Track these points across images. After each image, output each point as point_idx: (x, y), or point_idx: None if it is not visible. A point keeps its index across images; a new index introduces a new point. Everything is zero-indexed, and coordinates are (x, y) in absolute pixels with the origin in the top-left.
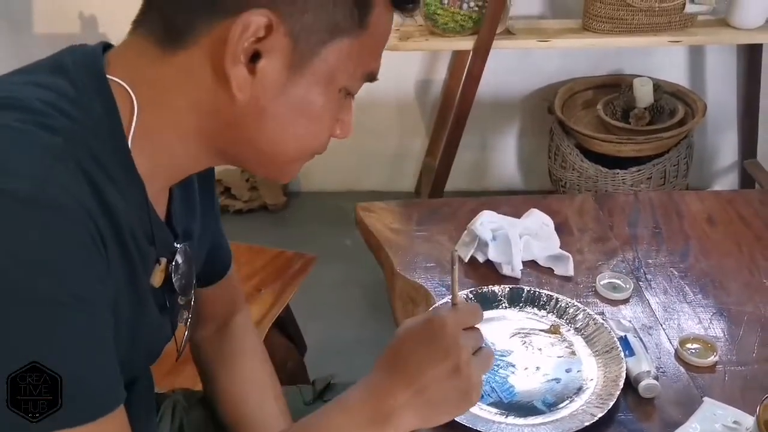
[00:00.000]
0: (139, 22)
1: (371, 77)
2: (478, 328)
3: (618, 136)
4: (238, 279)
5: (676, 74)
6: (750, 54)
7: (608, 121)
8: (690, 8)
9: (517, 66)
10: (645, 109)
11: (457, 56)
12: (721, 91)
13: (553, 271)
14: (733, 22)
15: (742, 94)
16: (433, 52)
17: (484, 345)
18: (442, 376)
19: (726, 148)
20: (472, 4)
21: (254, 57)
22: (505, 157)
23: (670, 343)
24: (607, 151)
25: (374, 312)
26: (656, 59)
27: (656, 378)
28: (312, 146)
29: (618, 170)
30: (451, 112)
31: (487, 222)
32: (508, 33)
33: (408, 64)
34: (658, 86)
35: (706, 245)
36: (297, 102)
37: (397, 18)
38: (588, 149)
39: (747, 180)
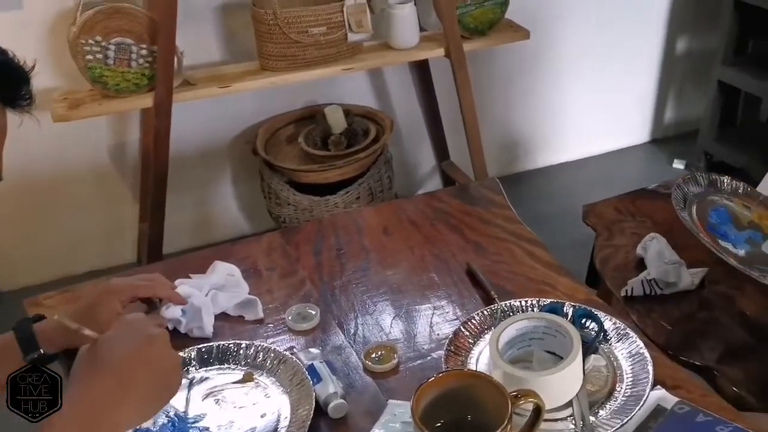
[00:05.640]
0: None
1: None
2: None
3: (321, 165)
4: None
5: (365, 97)
6: (420, 70)
7: (311, 151)
8: (352, 37)
9: (216, 114)
10: (340, 134)
11: (147, 114)
12: (406, 105)
13: (244, 318)
14: (394, 44)
15: (424, 105)
16: (117, 114)
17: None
18: (142, 361)
19: (424, 155)
20: (141, 61)
21: None
22: (225, 206)
23: (358, 357)
24: (315, 180)
25: None
26: (344, 86)
27: (344, 396)
28: None
29: (329, 196)
30: None
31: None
32: (188, 84)
33: (95, 130)
34: (349, 111)
35: (384, 255)
36: None
37: (64, 85)
38: (298, 182)
39: (448, 179)
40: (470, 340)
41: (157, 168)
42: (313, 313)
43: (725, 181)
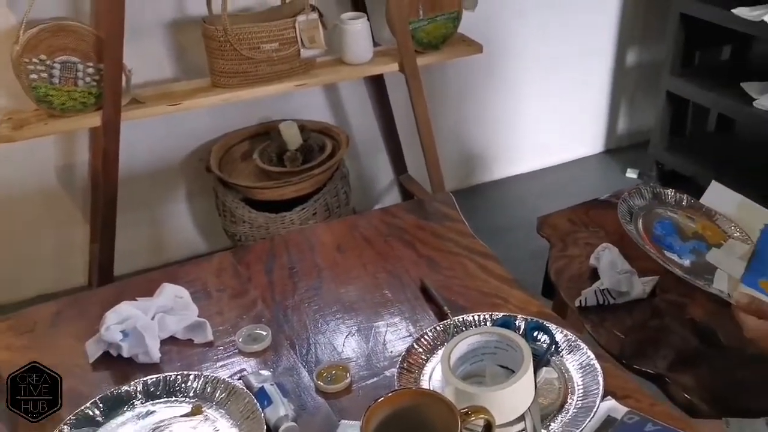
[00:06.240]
0: None
1: None
2: None
3: (276, 181)
4: None
5: (320, 113)
6: (375, 84)
7: (266, 168)
8: (305, 53)
9: (169, 132)
10: (296, 150)
11: (95, 133)
12: (362, 120)
13: (193, 341)
14: (347, 59)
15: (380, 120)
16: (64, 134)
17: None
18: None
19: (381, 170)
20: (88, 79)
21: None
22: (180, 225)
23: (310, 377)
24: (270, 197)
25: None
26: (299, 102)
27: (295, 419)
28: None
29: (285, 213)
30: None
31: (113, 326)
32: (137, 102)
33: (42, 151)
34: (304, 127)
35: (337, 273)
36: None
37: (7, 105)
38: (253, 199)
39: (406, 193)
40: (423, 357)
41: (106, 188)
42: (264, 333)
43: (669, 193)
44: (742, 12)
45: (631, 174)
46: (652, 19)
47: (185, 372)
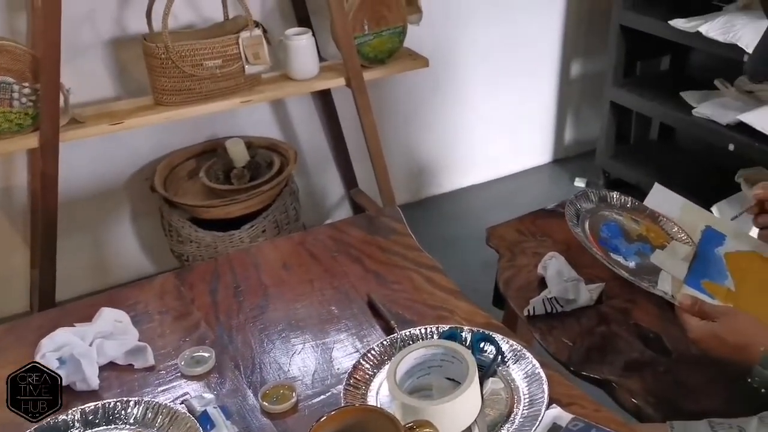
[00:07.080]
0: None
1: None
2: None
3: (223, 199)
4: None
5: (268, 129)
6: (323, 99)
7: (212, 186)
8: (249, 69)
9: (112, 151)
10: (243, 167)
11: (34, 155)
12: (311, 135)
13: (133, 366)
14: (293, 75)
15: (329, 134)
16: (0, 157)
17: None
18: None
19: (332, 184)
20: (24, 100)
21: None
22: (125, 246)
23: (255, 398)
24: (217, 215)
25: None
26: (245, 119)
27: None
28: None
29: (233, 231)
30: None
31: (49, 353)
32: (76, 122)
33: None
34: (251, 143)
35: (282, 291)
36: None
37: None
38: (200, 218)
39: (357, 207)
40: (370, 373)
41: (45, 211)
42: (207, 355)
43: (614, 196)
44: (678, 24)
45: (579, 183)
46: (594, 31)
47: (125, 398)
